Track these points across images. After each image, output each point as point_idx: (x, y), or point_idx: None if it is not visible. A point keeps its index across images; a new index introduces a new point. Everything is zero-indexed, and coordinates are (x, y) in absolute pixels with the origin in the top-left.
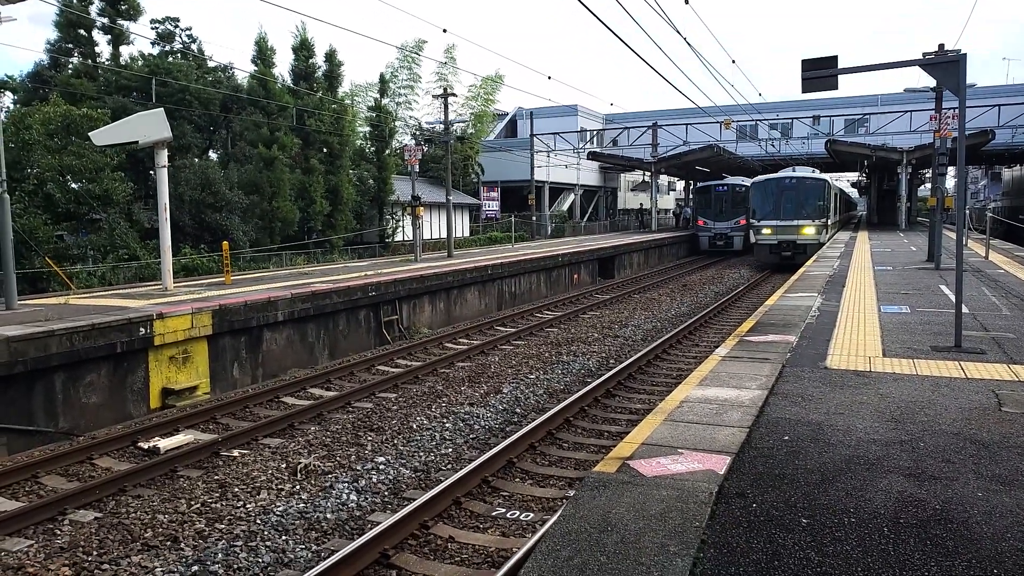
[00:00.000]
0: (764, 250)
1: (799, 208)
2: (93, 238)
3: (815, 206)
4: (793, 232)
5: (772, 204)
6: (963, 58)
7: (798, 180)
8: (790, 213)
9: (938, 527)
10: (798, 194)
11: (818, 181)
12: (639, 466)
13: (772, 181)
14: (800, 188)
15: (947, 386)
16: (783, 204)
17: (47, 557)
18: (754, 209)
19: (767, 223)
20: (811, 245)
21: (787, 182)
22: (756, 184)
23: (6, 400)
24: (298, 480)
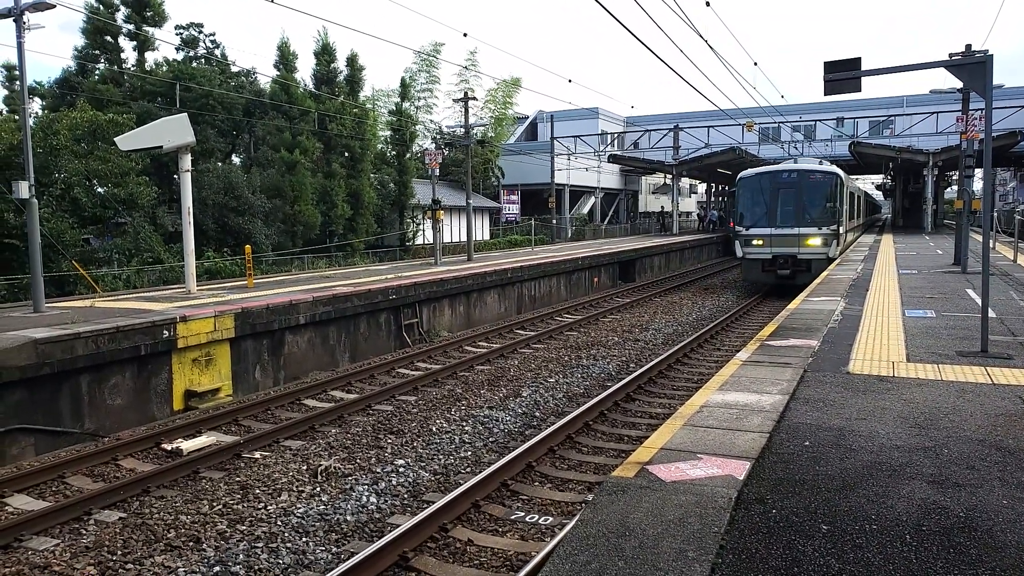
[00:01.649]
0: (754, 267)
1: (801, 212)
2: (118, 241)
3: (822, 209)
4: (792, 243)
5: (765, 206)
6: (990, 59)
7: (799, 175)
8: (789, 219)
9: (962, 535)
10: (800, 193)
11: (826, 177)
12: (658, 471)
13: (765, 176)
14: (802, 185)
15: (972, 392)
16: (779, 207)
17: (73, 556)
18: (741, 213)
19: (758, 232)
20: (816, 261)
21: (784, 177)
22: (744, 180)
23: (34, 401)
24: (319, 482)
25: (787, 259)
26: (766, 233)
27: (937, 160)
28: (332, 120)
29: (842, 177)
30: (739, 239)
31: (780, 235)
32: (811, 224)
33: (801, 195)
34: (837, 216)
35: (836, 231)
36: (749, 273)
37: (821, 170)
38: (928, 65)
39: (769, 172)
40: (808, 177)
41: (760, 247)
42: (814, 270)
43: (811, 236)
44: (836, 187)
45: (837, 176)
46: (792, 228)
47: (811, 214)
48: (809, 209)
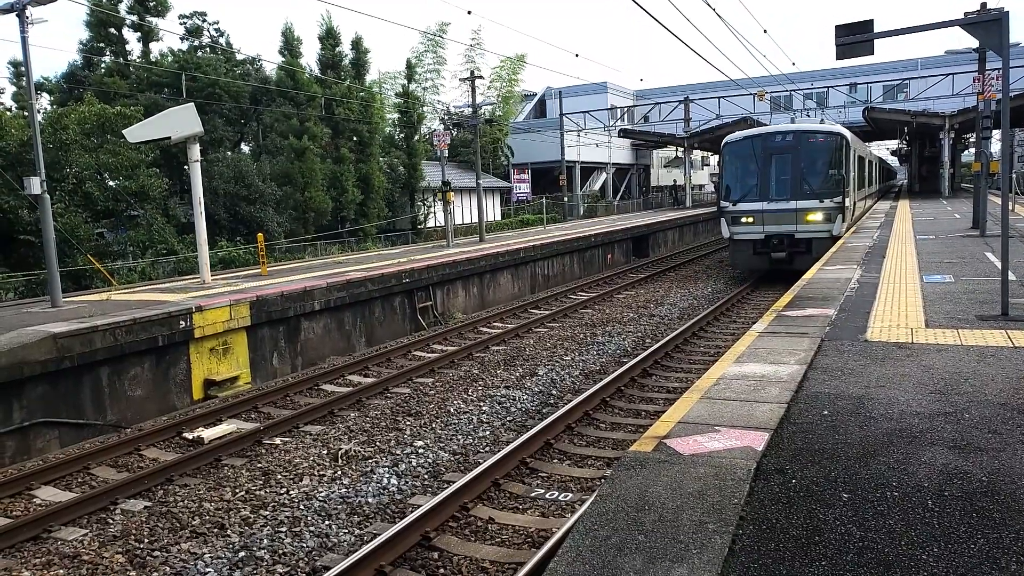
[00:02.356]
0: (743, 250)
1: (798, 182)
2: (132, 234)
3: (824, 177)
4: (789, 220)
5: (755, 176)
6: (1006, 16)
7: (796, 137)
8: (784, 190)
9: (984, 499)
10: (797, 159)
11: (829, 138)
12: (676, 444)
13: (755, 140)
14: (800, 150)
15: (993, 356)
16: (773, 176)
17: (101, 545)
18: (727, 185)
19: (747, 207)
20: (818, 240)
21: (778, 141)
22: (730, 146)
23: (56, 395)
24: (339, 466)
25: (782, 239)
26: (757, 208)
27: (953, 123)
28: (339, 105)
29: (848, 138)
30: (725, 216)
31: (774, 210)
32: (811, 196)
33: (799, 161)
34: (842, 186)
35: (841, 204)
36: (737, 257)
37: (822, 130)
38: (942, 24)
39: (760, 135)
40: (807, 140)
41: (750, 225)
42: (815, 251)
43: (811, 211)
44: (841, 151)
45: (841, 137)
46: (788, 202)
47: (811, 184)
48: (808, 178)
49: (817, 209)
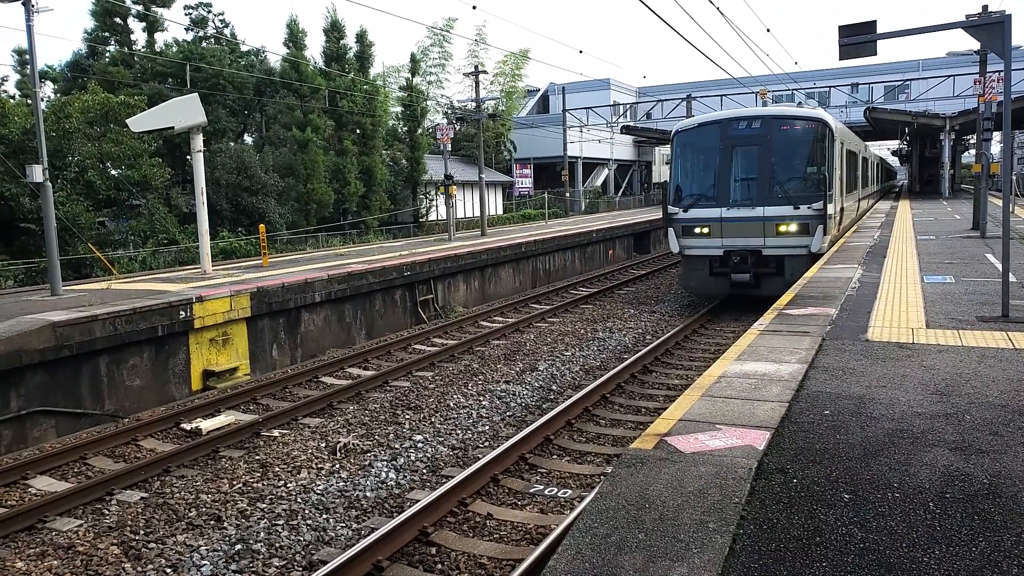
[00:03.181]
0: (697, 268)
1: (768, 182)
2: (133, 223)
3: (802, 176)
4: (754, 232)
5: (713, 175)
6: (1008, 19)
7: (765, 124)
8: (749, 193)
9: (986, 502)
10: (766, 153)
11: (808, 126)
12: (677, 442)
13: (712, 128)
14: (770, 141)
15: (994, 357)
16: (734, 175)
17: (96, 536)
18: (677, 186)
19: (701, 215)
20: (792, 258)
21: (742, 129)
22: (682, 136)
23: (54, 384)
24: (337, 459)
25: (746, 256)
26: (714, 216)
27: (954, 124)
28: (343, 97)
29: (832, 127)
30: (673, 226)
31: (735, 219)
32: (784, 201)
33: (768, 155)
34: (825, 187)
35: (823, 212)
36: (689, 277)
37: (799, 115)
38: (944, 27)
39: (718, 121)
40: (779, 128)
41: (705, 238)
42: (789, 273)
43: (783, 220)
44: (823, 142)
45: (824, 125)
46: (753, 208)
47: (784, 185)
48: (780, 177)
49: (791, 218)
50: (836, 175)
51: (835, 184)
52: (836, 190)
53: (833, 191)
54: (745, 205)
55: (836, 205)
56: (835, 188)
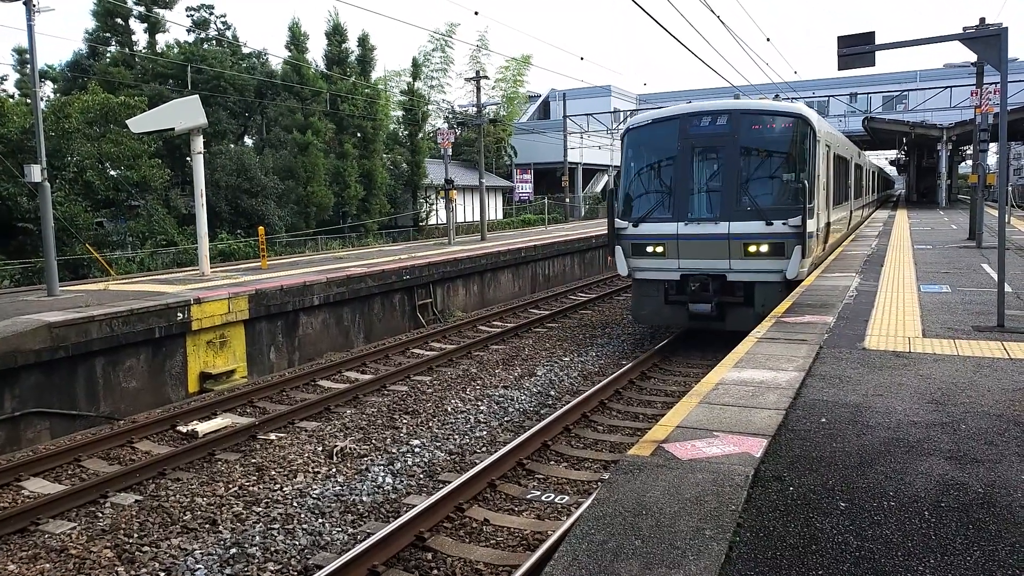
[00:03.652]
0: (650, 295)
1: (734, 192)
2: (131, 224)
3: (778, 185)
4: (718, 253)
5: (667, 182)
6: (1004, 32)
7: (732, 120)
8: (711, 206)
9: (981, 511)
10: (733, 156)
11: (786, 123)
12: (674, 449)
13: (669, 124)
14: (738, 142)
15: (989, 367)
16: (694, 182)
17: (89, 539)
18: (626, 195)
19: (654, 229)
20: (764, 285)
21: (705, 126)
22: (634, 135)
23: (50, 385)
24: (334, 463)
25: (707, 283)
26: (669, 233)
27: (951, 135)
28: (344, 101)
29: (815, 125)
30: (621, 243)
31: (696, 237)
32: (754, 215)
33: (736, 158)
34: (805, 197)
35: (801, 228)
36: (641, 306)
37: (775, 110)
38: (942, 39)
39: (676, 116)
40: (748, 125)
41: (658, 259)
42: (760, 303)
43: (754, 239)
44: (804, 142)
45: (804, 122)
46: (717, 223)
47: (755, 195)
48: (751, 185)
49: (762, 237)
50: (819, 184)
51: (818, 195)
52: (819, 202)
53: (815, 203)
54: (707, 220)
55: (819, 220)
56: (818, 199)
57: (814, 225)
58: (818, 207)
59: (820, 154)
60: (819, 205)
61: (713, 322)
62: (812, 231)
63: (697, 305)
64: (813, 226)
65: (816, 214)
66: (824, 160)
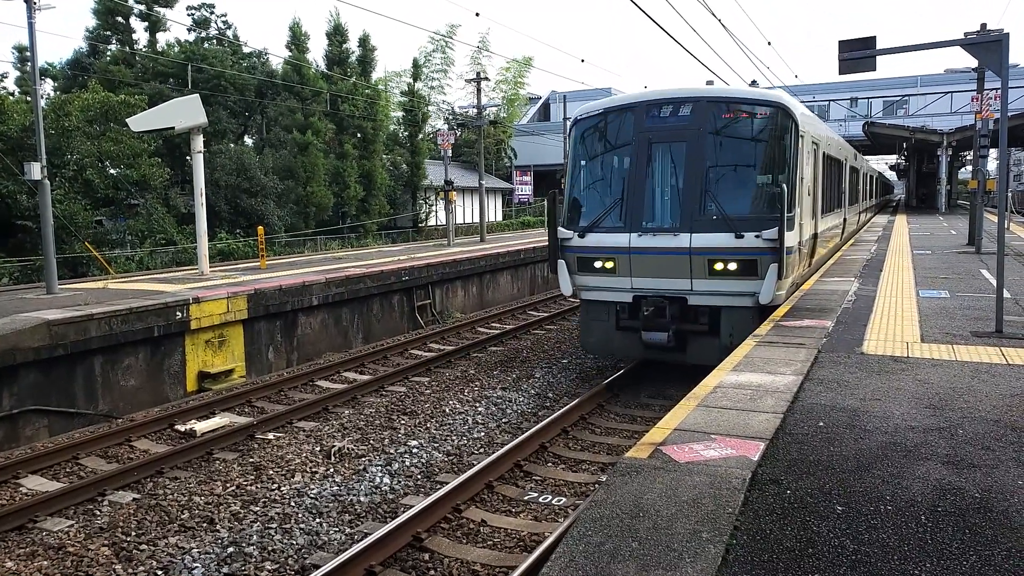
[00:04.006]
0: (599, 319)
1: (699, 198)
2: (131, 223)
3: (751, 190)
4: (677, 271)
5: (622, 186)
6: (1006, 37)
7: (697, 111)
8: (670, 213)
9: (977, 516)
10: (697, 153)
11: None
12: (672, 452)
13: (624, 115)
14: (705, 136)
15: (987, 372)
16: (653, 186)
17: (87, 537)
18: (573, 200)
19: (603, 241)
20: (733, 311)
21: (665, 117)
22: (581, 125)
23: (47, 383)
24: (332, 463)
25: (663, 307)
26: (620, 246)
27: (951, 140)
28: (344, 101)
29: (796, 118)
30: (565, 256)
31: (651, 251)
32: (721, 226)
33: (700, 156)
34: (784, 204)
35: (777, 242)
36: (589, 332)
37: (749, 98)
38: (943, 44)
39: (633, 105)
40: (718, 115)
41: (609, 276)
42: (728, 332)
43: (721, 255)
44: (784, 137)
45: (784, 114)
46: (677, 235)
47: (723, 201)
48: (718, 189)
49: (731, 253)
50: (803, 188)
51: (801, 202)
52: (803, 210)
53: (798, 212)
54: (665, 231)
55: (803, 231)
56: (801, 208)
57: (795, 238)
58: (801, 216)
59: (805, 152)
60: (802, 214)
61: (671, 354)
62: (792, 245)
63: (651, 333)
64: (794, 239)
65: (798, 225)
66: (810, 160)
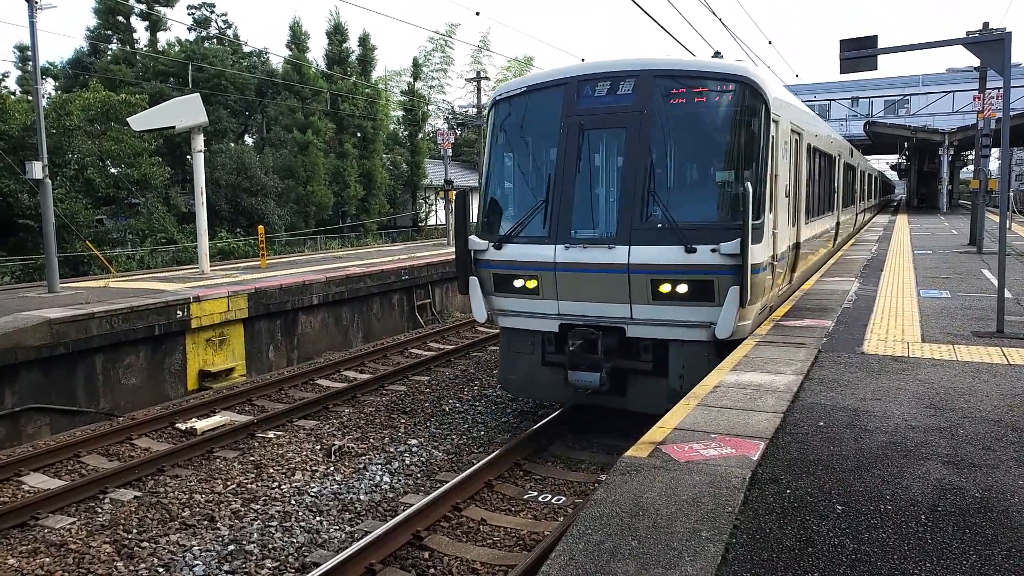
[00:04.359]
0: (522, 351)
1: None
2: (132, 222)
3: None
4: (615, 293)
5: (546, 184)
6: (1008, 36)
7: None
8: (604, 218)
9: (977, 515)
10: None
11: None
12: (671, 451)
13: (552, 93)
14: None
15: (988, 372)
16: (583, 184)
17: (88, 534)
18: (490, 201)
19: (525, 254)
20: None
21: (601, 97)
22: (501, 107)
23: (49, 381)
24: (332, 462)
25: (595, 340)
26: (544, 260)
27: (953, 140)
28: (344, 100)
29: (766, 96)
30: (479, 272)
31: (580, 267)
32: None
33: (643, 146)
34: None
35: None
36: (510, 369)
37: (704, 71)
38: (945, 43)
39: (562, 81)
40: (668, 95)
41: (530, 299)
42: (676, 372)
43: (667, 274)
44: (750, 122)
45: (750, 90)
46: (613, 247)
47: (671, 204)
48: (666, 189)
49: (680, 272)
50: (777, 188)
51: (775, 205)
52: (778, 216)
53: (769, 218)
54: (598, 242)
55: (777, 243)
56: (775, 213)
57: (765, 252)
58: (775, 223)
59: (780, 142)
60: (777, 220)
61: (607, 398)
62: (762, 261)
63: (579, 373)
64: (763, 253)
65: (770, 234)
66: (788, 153)
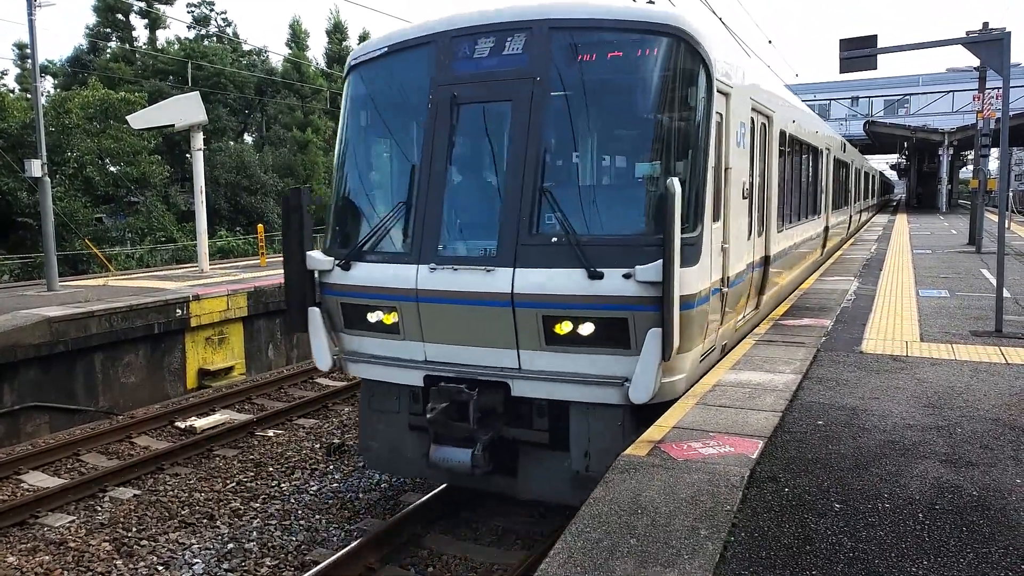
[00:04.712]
0: (384, 409)
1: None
2: (131, 221)
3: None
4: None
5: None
6: (1008, 36)
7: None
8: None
9: (975, 514)
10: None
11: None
12: (670, 449)
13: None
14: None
15: (986, 371)
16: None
17: (88, 533)
18: (340, 200)
19: (380, 276)
20: (594, 411)
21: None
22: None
23: (48, 379)
24: (331, 460)
25: (467, 399)
26: (402, 286)
27: (952, 140)
28: None
29: (710, 58)
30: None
31: (447, 296)
32: (566, 255)
33: (536, 127)
34: (675, 211)
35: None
36: (370, 433)
37: (621, 18)
38: (945, 43)
39: (430, 38)
40: (570, 52)
41: (389, 338)
42: (580, 447)
43: (566, 307)
44: (687, 90)
45: (685, 46)
46: (491, 271)
47: (574, 208)
48: (565, 186)
49: (582, 306)
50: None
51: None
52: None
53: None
54: (473, 261)
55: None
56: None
57: (705, 276)
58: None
59: (733, 123)
60: (728, 231)
61: (487, 480)
62: (700, 291)
63: (444, 449)
64: (702, 280)
65: (715, 250)
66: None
